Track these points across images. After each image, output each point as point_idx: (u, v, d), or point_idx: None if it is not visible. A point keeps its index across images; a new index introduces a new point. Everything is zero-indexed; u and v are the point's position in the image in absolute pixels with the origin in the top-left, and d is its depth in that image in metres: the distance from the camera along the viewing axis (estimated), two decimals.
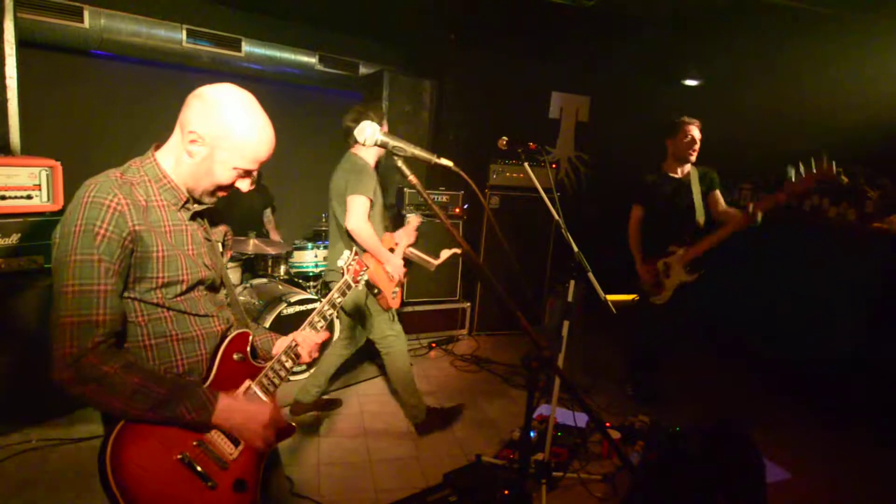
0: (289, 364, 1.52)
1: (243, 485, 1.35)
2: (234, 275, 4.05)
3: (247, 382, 1.43)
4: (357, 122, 2.84)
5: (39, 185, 2.90)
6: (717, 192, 3.53)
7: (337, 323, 3.96)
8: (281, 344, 1.59)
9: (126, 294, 1.26)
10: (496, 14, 4.62)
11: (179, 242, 1.35)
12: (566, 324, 2.60)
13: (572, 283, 2.59)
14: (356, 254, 1.80)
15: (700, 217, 3.49)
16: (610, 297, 2.57)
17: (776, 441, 3.32)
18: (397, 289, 3.07)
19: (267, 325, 3.56)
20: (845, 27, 3.94)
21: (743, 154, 5.24)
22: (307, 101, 5.51)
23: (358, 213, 2.81)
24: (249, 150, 1.31)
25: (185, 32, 4.26)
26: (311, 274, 4.41)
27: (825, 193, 4.37)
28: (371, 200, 2.85)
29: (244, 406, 1.34)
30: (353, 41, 5.26)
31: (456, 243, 1.44)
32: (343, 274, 1.72)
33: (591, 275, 2.52)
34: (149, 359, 1.30)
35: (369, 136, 1.34)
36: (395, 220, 5.12)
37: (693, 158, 3.51)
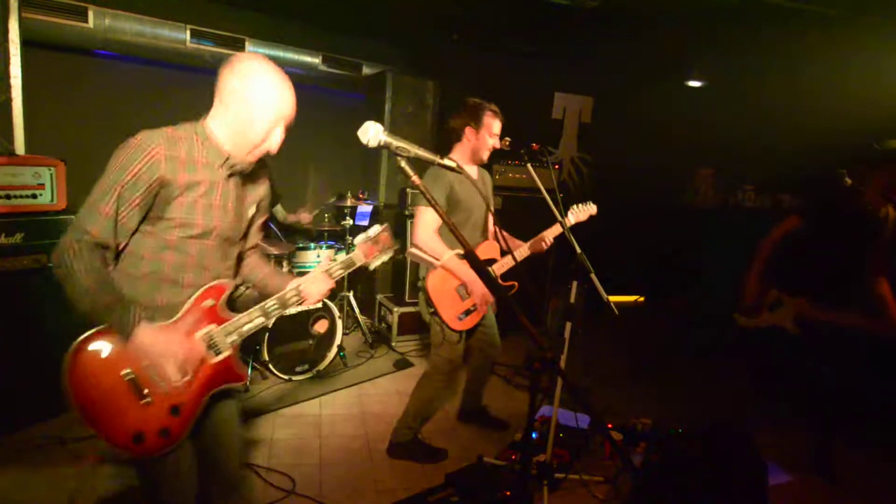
0: (259, 319, 1.68)
1: (178, 410, 1.55)
2: None
3: (211, 326, 1.61)
4: (462, 117, 2.80)
5: (43, 185, 2.91)
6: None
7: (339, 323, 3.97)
8: (290, 286, 1.76)
9: (146, 227, 1.50)
10: (499, 15, 4.62)
11: (207, 194, 1.54)
12: (568, 325, 2.59)
13: (575, 284, 2.59)
14: (385, 230, 1.87)
15: (866, 280, 2.76)
16: (612, 299, 2.57)
17: (777, 443, 3.31)
18: (473, 310, 2.78)
19: (270, 323, 3.56)
20: (850, 29, 3.93)
21: (746, 155, 5.24)
22: (310, 101, 5.47)
23: (419, 226, 2.67)
24: (275, 103, 1.52)
25: (189, 32, 4.27)
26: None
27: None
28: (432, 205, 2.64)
29: (159, 340, 1.48)
30: (356, 41, 5.26)
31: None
32: (357, 245, 1.87)
33: (593, 276, 2.52)
34: (139, 287, 1.53)
35: (372, 136, 1.34)
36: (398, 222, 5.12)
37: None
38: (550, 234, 2.93)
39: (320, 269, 1.80)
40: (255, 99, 1.49)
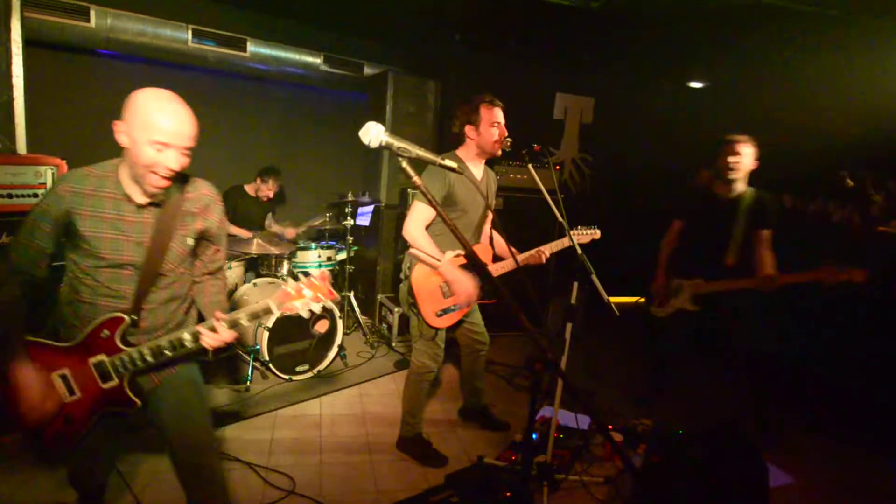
0: (149, 357, 1.68)
1: (70, 420, 1.71)
2: (237, 273, 4.07)
3: (101, 356, 1.69)
4: (459, 118, 2.80)
5: (45, 184, 2.92)
6: (765, 232, 3.16)
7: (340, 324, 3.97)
8: (190, 329, 1.73)
9: (71, 254, 1.67)
10: (500, 15, 4.62)
11: (116, 228, 1.64)
12: (569, 326, 2.59)
13: (575, 284, 2.59)
14: (322, 276, 1.76)
15: (730, 256, 3.21)
16: (613, 300, 2.57)
17: (780, 445, 3.31)
18: (453, 309, 2.78)
19: (270, 324, 3.57)
20: (852, 30, 3.92)
21: None
22: (311, 101, 5.53)
23: (409, 219, 2.68)
24: (155, 124, 1.52)
25: (190, 32, 4.27)
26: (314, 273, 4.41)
27: (830, 197, 4.35)
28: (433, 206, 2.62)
29: (18, 382, 1.60)
30: (357, 42, 5.27)
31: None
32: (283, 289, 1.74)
33: (594, 277, 2.52)
34: (70, 308, 1.70)
35: (373, 136, 1.34)
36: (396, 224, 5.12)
37: (732, 177, 3.14)
38: (549, 249, 2.87)
39: (225, 317, 1.72)
40: (137, 121, 1.53)
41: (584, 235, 3.01)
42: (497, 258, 2.93)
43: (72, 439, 1.73)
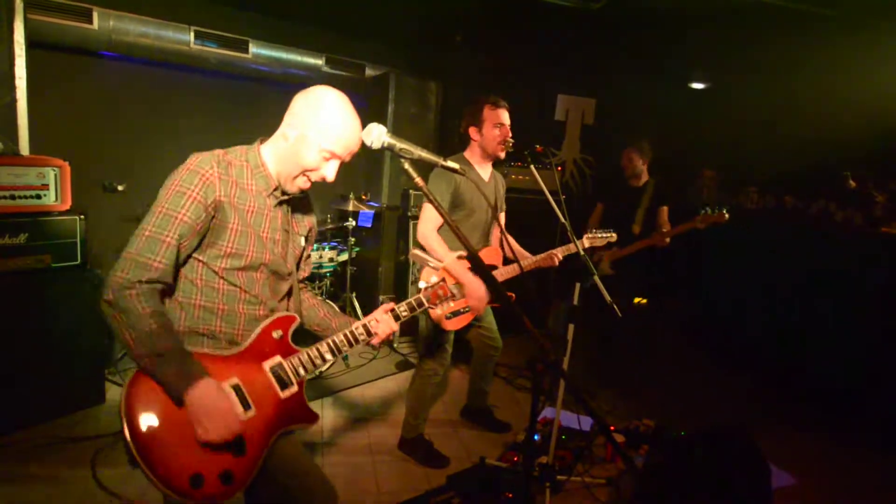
0: (328, 355, 1.59)
1: (242, 448, 1.37)
2: None
3: (277, 358, 1.51)
4: (464, 120, 2.81)
5: (47, 185, 2.92)
6: (663, 209, 3.89)
7: None
8: (358, 323, 1.66)
9: (196, 255, 1.44)
10: (502, 16, 4.62)
11: (257, 224, 1.49)
12: (571, 327, 2.59)
13: (578, 285, 2.59)
14: (443, 279, 1.76)
15: (636, 226, 3.92)
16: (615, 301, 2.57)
17: (782, 446, 3.30)
18: (464, 311, 2.71)
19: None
20: (853, 30, 3.92)
21: (748, 157, 5.23)
22: None
23: (422, 221, 2.67)
24: (335, 131, 1.44)
25: (192, 34, 4.28)
26: (316, 274, 4.42)
27: (832, 198, 4.35)
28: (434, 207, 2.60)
29: (213, 401, 1.30)
30: (359, 43, 5.27)
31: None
32: (421, 290, 1.74)
33: (596, 278, 2.52)
34: (195, 316, 1.46)
35: (375, 137, 1.34)
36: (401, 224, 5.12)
37: (626, 175, 4.10)
38: (561, 252, 2.85)
39: (386, 307, 1.69)
40: (316, 121, 1.43)
41: (601, 238, 3.00)
42: (508, 261, 2.92)
43: (241, 482, 1.37)
